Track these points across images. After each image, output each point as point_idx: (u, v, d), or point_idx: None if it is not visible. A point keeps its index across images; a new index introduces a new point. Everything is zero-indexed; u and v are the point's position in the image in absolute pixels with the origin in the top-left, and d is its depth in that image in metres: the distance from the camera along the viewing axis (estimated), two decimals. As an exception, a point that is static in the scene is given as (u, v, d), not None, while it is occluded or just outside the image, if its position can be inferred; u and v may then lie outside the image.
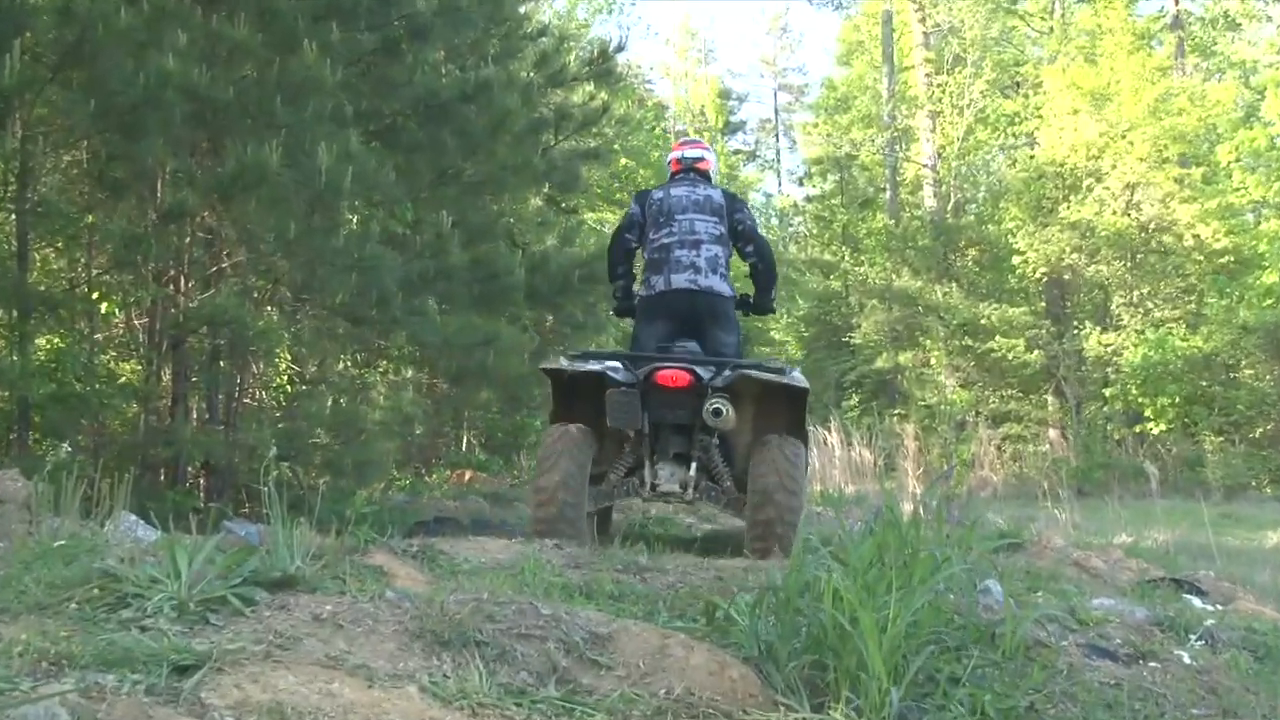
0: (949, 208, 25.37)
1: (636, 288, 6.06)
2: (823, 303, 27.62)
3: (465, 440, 13.23)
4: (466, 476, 11.04)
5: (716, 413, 5.30)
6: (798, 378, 5.49)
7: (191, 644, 2.18)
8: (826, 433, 14.06)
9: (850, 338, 25.25)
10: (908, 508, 4.11)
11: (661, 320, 5.84)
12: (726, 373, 5.41)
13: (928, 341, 23.44)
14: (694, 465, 5.56)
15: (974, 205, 26.52)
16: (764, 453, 5.34)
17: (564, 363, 5.51)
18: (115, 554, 2.86)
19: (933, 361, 23.29)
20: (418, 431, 10.73)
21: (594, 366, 5.41)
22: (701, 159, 6.28)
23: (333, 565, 2.99)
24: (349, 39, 7.29)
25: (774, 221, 36.90)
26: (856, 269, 25.47)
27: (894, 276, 24.28)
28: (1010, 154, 25.67)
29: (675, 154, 6.36)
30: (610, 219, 18.79)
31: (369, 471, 7.77)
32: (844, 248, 27.12)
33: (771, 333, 27.33)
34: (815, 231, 30.77)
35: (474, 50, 9.00)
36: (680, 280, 5.78)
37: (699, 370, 5.40)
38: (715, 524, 7.99)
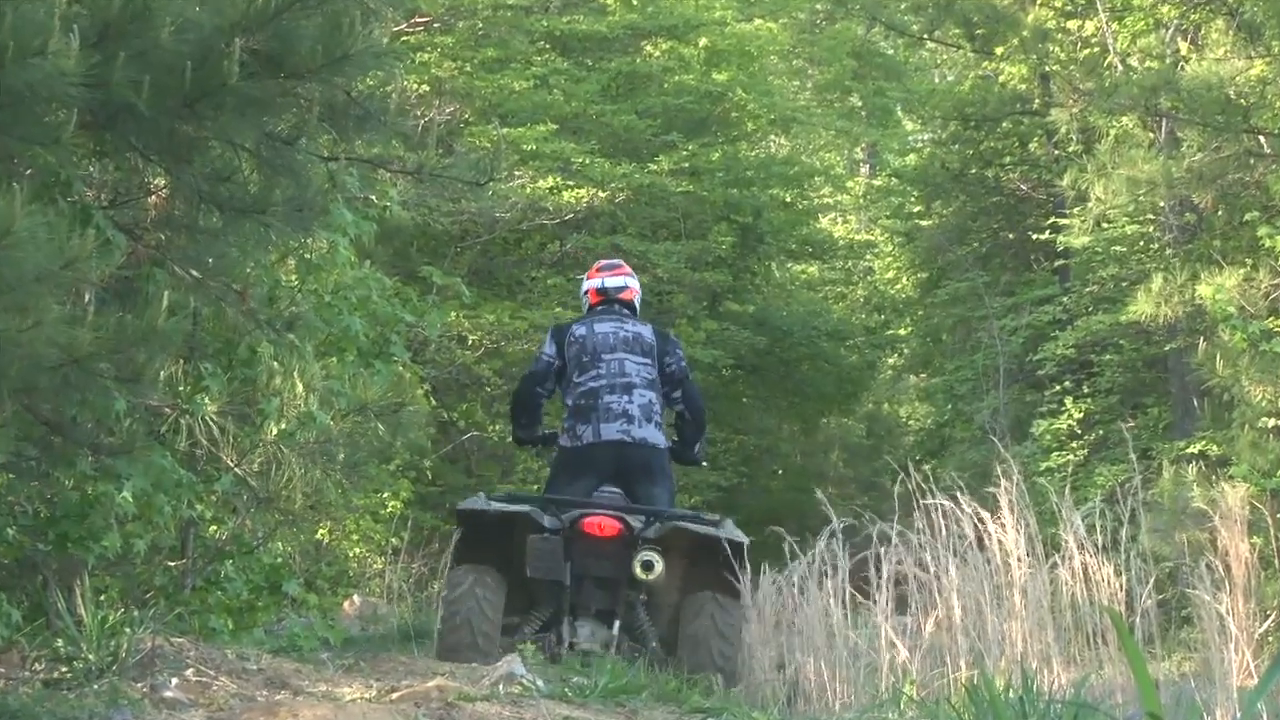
0: None
1: (561, 438, 5.93)
2: (975, 127, 12.36)
3: None
4: None
5: (647, 565, 5.23)
6: (734, 531, 5.36)
7: None
8: (976, 521, 4.84)
9: (1053, 227, 11.86)
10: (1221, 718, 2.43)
11: (588, 476, 5.72)
12: (658, 524, 5.35)
13: (1278, 239, 8.85)
14: (617, 624, 5.43)
15: None
16: (695, 606, 5.31)
17: (482, 502, 5.47)
18: None
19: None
20: None
21: (518, 509, 5.40)
22: (625, 288, 6.00)
23: None
24: None
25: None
26: (1069, 29, 10.94)
27: (1182, 46, 10.21)
28: None
29: (594, 283, 6.03)
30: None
31: None
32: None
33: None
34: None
35: None
36: (611, 431, 5.64)
37: (629, 520, 5.35)
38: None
